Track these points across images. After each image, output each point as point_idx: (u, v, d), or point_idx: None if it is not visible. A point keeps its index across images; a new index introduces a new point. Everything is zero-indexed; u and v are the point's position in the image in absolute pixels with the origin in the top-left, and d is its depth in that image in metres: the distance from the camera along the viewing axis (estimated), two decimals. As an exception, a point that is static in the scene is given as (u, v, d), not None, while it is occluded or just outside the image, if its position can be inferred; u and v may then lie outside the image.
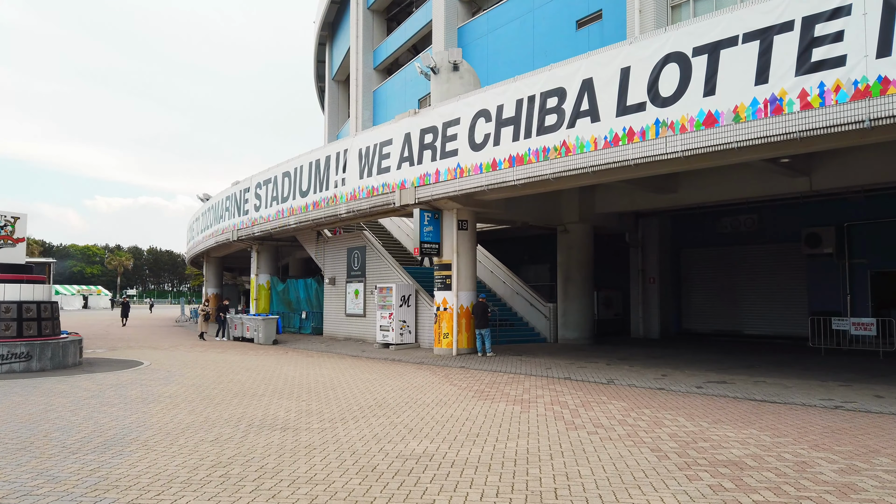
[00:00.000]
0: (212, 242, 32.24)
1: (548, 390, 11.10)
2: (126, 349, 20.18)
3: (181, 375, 13.15)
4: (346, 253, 24.07)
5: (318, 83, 57.54)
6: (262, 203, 25.56)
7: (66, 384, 11.73)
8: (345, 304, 23.85)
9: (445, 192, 16.37)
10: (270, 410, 9.10)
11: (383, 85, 39.98)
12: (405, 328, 19.69)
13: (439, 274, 17.90)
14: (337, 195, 20.52)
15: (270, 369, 14.49)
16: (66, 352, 14.39)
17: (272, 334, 23.17)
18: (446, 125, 16.42)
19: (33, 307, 14.19)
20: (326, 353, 18.77)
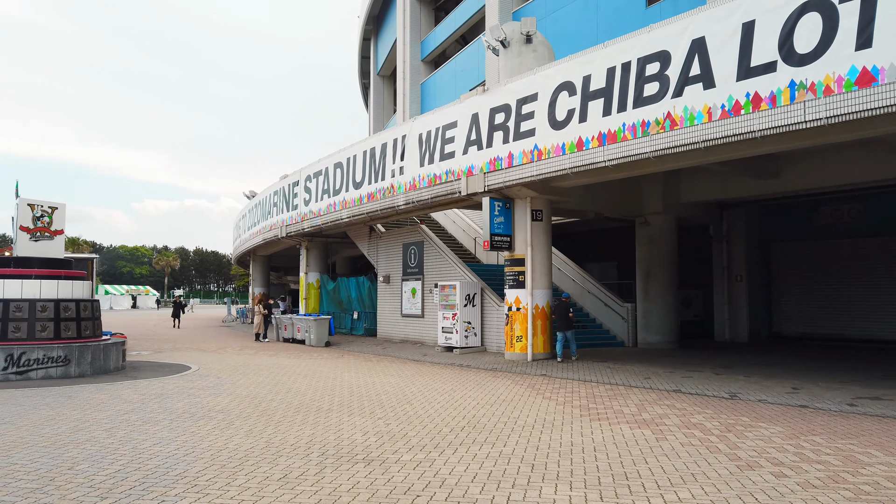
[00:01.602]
0: (259, 240, 31.06)
1: (667, 407, 9.19)
2: (172, 351, 18.93)
3: (232, 383, 11.65)
4: (402, 249, 22.45)
5: (363, 80, 56.37)
6: (312, 197, 24.15)
7: (106, 393, 10.32)
8: (400, 304, 22.23)
9: (520, 178, 14.56)
10: (344, 432, 7.43)
11: (431, 77, 38.39)
12: (470, 330, 17.95)
13: (510, 270, 16.09)
14: (394, 185, 18.91)
15: (329, 376, 12.91)
16: (107, 355, 13.06)
17: (324, 336, 21.69)
18: (521, 102, 14.61)
19: (72, 306, 12.90)
20: (385, 358, 17.15)
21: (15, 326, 12.16)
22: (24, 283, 12.46)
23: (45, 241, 13.34)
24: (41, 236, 13.29)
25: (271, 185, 29.43)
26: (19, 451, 6.36)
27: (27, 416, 8.24)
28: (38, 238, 13.26)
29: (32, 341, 12.19)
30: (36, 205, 13.25)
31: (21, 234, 13.01)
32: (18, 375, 11.74)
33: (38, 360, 11.92)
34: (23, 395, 10.08)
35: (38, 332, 12.31)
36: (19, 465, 5.84)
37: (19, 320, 12.21)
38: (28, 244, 13.13)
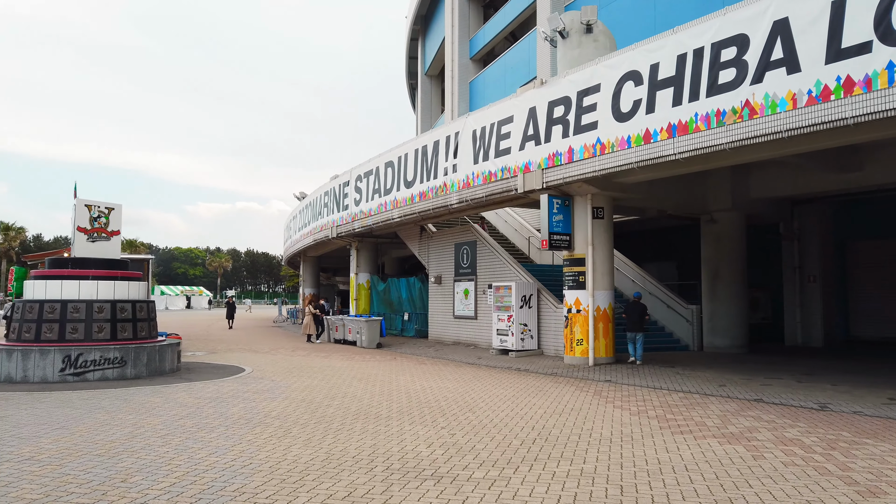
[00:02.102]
0: (310, 241, 31.06)
1: (753, 419, 8.42)
2: (226, 352, 18.89)
3: (287, 387, 11.34)
4: (454, 249, 21.97)
5: (410, 80, 56.22)
6: (363, 196, 23.90)
7: (161, 396, 10.12)
8: (453, 305, 21.74)
9: (581, 174, 13.88)
10: (407, 443, 6.95)
11: (480, 75, 37.85)
12: (526, 332, 17.32)
13: (570, 270, 15.41)
14: (447, 184, 18.43)
15: (385, 380, 12.49)
16: (162, 357, 12.95)
17: (376, 337, 21.38)
18: (581, 94, 13.93)
19: (128, 307, 12.83)
20: (439, 361, 16.68)
21: (72, 327, 12.14)
22: (82, 283, 12.44)
23: (101, 241, 13.33)
24: (98, 237, 13.29)
25: (322, 185, 29.37)
26: (73, 460, 6.09)
27: (82, 421, 8.04)
28: (95, 239, 13.25)
29: (89, 342, 12.15)
30: (93, 205, 13.25)
31: (78, 235, 13.03)
32: (76, 377, 11.69)
33: (94, 362, 11.86)
34: (79, 397, 9.97)
35: (94, 334, 12.27)
36: (72, 476, 5.54)
37: (77, 321, 12.19)
38: (85, 245, 13.14)
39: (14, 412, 8.53)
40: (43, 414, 8.46)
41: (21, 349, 11.65)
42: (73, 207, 13.14)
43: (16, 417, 8.17)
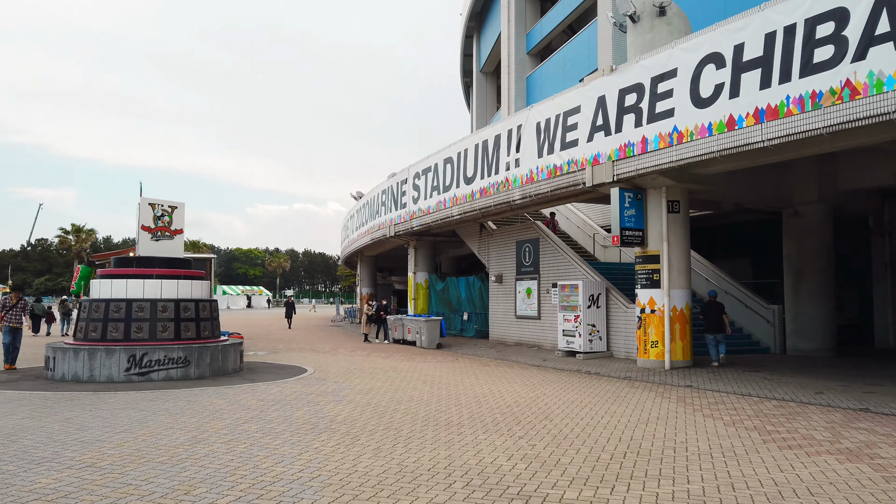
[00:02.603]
0: (367, 240, 30.91)
1: (867, 433, 7.50)
2: (287, 352, 18.78)
3: (351, 389, 10.96)
4: (515, 247, 21.30)
5: (465, 78, 55.73)
6: (421, 194, 23.49)
7: (224, 398, 9.87)
8: (514, 305, 21.09)
9: (656, 165, 13.03)
10: (485, 455, 6.40)
11: (537, 70, 37.02)
12: (594, 333, 16.53)
13: (643, 268, 14.56)
14: (509, 179, 17.80)
15: (450, 382, 11.98)
16: (225, 357, 12.79)
17: (436, 337, 20.94)
18: (656, 80, 13.08)
19: (191, 306, 12.72)
20: (503, 362, 16.07)
21: (137, 327, 12.09)
22: (146, 282, 12.38)
23: (165, 240, 13.29)
24: (161, 236, 13.24)
25: (379, 184, 29.15)
26: (135, 468, 5.78)
27: (146, 424, 7.81)
28: (159, 238, 13.21)
29: (154, 342, 12.07)
30: (156, 204, 13.22)
31: (143, 234, 13.02)
32: (140, 377, 11.62)
33: (158, 362, 11.76)
34: (143, 398, 9.82)
35: (159, 333, 12.19)
36: (133, 487, 5.21)
37: (141, 320, 12.14)
38: (149, 244, 13.12)
39: (79, 414, 8.38)
40: (107, 416, 8.28)
41: (88, 348, 11.65)
42: (138, 206, 13.13)
43: (80, 419, 8.01)
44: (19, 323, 14.11)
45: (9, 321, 13.85)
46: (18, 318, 14.11)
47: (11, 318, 13.93)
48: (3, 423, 7.65)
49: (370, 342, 22.36)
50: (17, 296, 14.26)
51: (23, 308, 14.25)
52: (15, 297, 14.16)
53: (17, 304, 14.08)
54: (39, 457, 6.10)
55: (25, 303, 14.43)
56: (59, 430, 7.32)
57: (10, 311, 13.95)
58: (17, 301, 14.14)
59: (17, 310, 14.10)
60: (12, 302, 14.03)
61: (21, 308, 14.18)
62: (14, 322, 13.97)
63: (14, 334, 13.94)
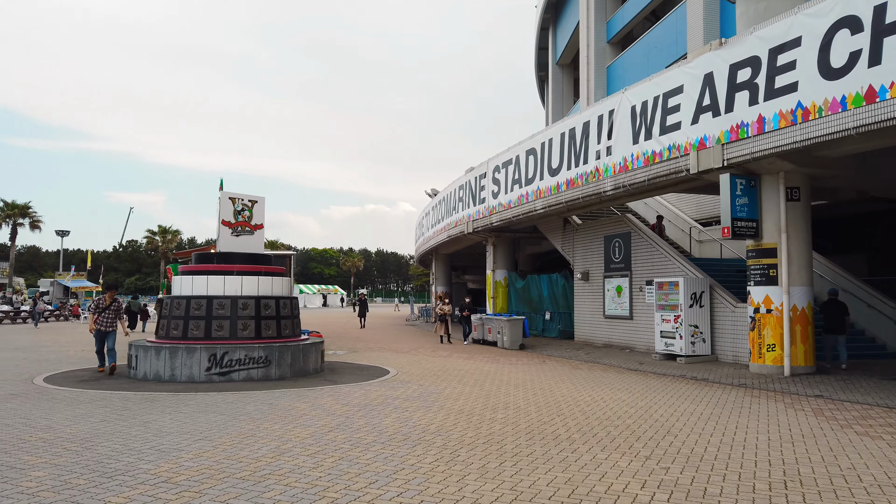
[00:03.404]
0: (444, 237, 30.19)
1: None
2: (366, 351, 18.23)
3: (439, 393, 10.13)
4: (603, 242, 20.02)
5: (539, 72, 54.37)
6: (502, 188, 22.52)
7: (307, 402, 9.23)
8: (603, 304, 19.80)
9: (776, 147, 11.58)
10: (611, 479, 5.39)
11: (618, 59, 35.37)
12: (697, 335, 15.11)
13: (756, 263, 13.09)
14: (599, 169, 16.58)
15: (544, 387, 10.98)
16: (306, 357, 12.24)
17: (518, 338, 19.93)
18: (775, 52, 11.62)
19: (272, 303, 12.23)
20: (595, 365, 14.90)
21: (218, 325, 11.69)
22: (226, 279, 11.98)
23: (245, 235, 12.88)
24: (242, 231, 12.84)
25: (456, 179, 28.37)
26: (214, 485, 5.10)
27: (227, 430, 7.21)
28: (239, 233, 12.81)
29: (234, 340, 11.64)
30: (237, 198, 12.84)
31: (223, 229, 12.65)
32: (221, 376, 11.19)
33: (239, 361, 11.30)
34: (224, 400, 9.31)
35: (239, 331, 11.75)
36: (212, 510, 4.51)
37: (222, 318, 11.73)
38: (229, 239, 12.74)
39: (157, 417, 7.90)
40: (187, 420, 7.76)
41: (169, 347, 11.33)
42: (218, 201, 12.78)
43: (159, 424, 7.50)
44: (111, 326, 12.48)
45: (100, 324, 12.35)
46: (111, 321, 12.51)
47: (103, 320, 12.40)
48: (80, 428, 7.22)
49: (450, 343, 21.50)
50: (111, 296, 12.72)
51: (116, 310, 12.64)
52: (109, 298, 12.64)
53: (110, 306, 12.53)
54: (113, 468, 5.53)
55: (119, 304, 12.77)
56: (137, 436, 6.80)
57: (102, 313, 12.44)
58: (111, 302, 12.59)
59: (111, 312, 12.54)
60: (105, 303, 12.53)
61: (115, 310, 12.61)
62: (105, 325, 12.40)
63: (104, 338, 12.30)
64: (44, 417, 7.75)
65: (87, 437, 6.74)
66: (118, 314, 12.68)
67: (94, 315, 12.42)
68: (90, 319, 12.48)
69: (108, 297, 12.65)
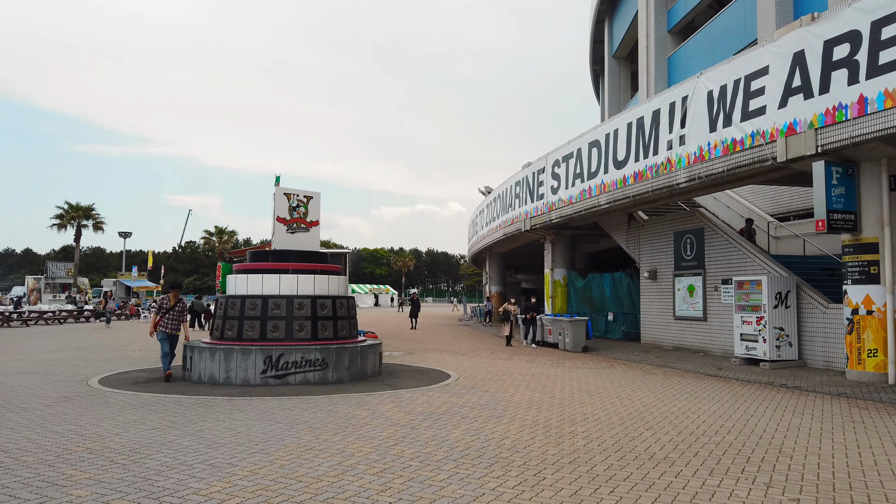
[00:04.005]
0: (499, 235, 29.38)
1: None
2: (423, 353, 17.61)
3: (507, 401, 9.37)
4: (672, 238, 18.86)
5: (594, 67, 52.97)
6: (562, 183, 21.57)
7: (367, 409, 8.61)
8: (672, 304, 18.66)
9: (880, 130, 10.36)
10: (735, 515, 4.53)
11: (680, 49, 33.85)
12: (783, 338, 13.90)
13: (855, 259, 11.85)
14: (671, 159, 15.50)
15: (620, 395, 10.08)
16: (364, 359, 11.66)
17: (582, 340, 18.99)
18: (879, 24, 10.41)
19: (328, 303, 11.70)
20: (669, 371, 13.87)
21: (273, 325, 11.21)
22: (282, 277, 11.51)
23: (300, 232, 12.39)
24: (297, 228, 12.36)
25: (512, 175, 27.51)
26: (272, 510, 4.47)
27: (283, 441, 6.62)
28: (295, 230, 12.34)
29: (290, 342, 11.15)
30: (292, 194, 12.37)
31: (278, 226, 12.19)
32: (277, 379, 10.70)
33: (295, 364, 10.79)
34: (280, 405, 8.77)
35: (295, 332, 11.25)
36: (269, 546, 3.87)
37: (277, 318, 11.25)
38: (285, 236, 12.28)
39: (211, 425, 7.38)
40: (241, 429, 7.21)
41: (223, 348, 10.91)
42: (273, 197, 12.34)
43: (212, 433, 6.97)
44: (176, 329, 11.50)
45: (164, 326, 11.38)
46: (175, 323, 11.50)
47: (167, 322, 11.41)
48: (130, 437, 6.75)
49: (512, 345, 20.62)
50: (175, 295, 11.63)
51: (181, 312, 11.58)
52: (173, 298, 11.58)
53: (174, 307, 11.50)
54: (161, 487, 4.97)
55: (184, 305, 11.72)
56: (189, 448, 6.27)
57: (166, 315, 11.44)
58: (176, 303, 11.55)
59: (175, 313, 11.50)
60: (170, 303, 11.51)
61: (179, 311, 11.54)
62: (170, 327, 11.42)
63: (169, 342, 11.42)
64: (94, 424, 7.34)
65: (137, 447, 6.25)
66: (182, 316, 11.64)
67: (157, 316, 11.46)
68: (151, 321, 11.54)
69: (172, 297, 11.64)
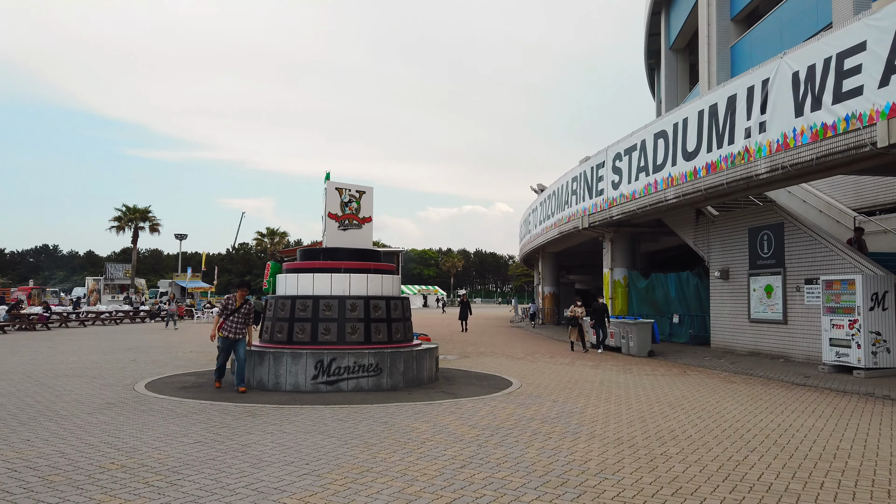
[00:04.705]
0: (554, 234, 28.29)
1: None
2: (478, 356, 16.76)
3: (580, 413, 8.44)
4: (747, 235, 17.51)
5: (649, 60, 51.18)
6: (624, 177, 20.40)
7: (427, 421, 7.82)
8: (747, 306, 17.30)
9: None
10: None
11: (744, 37, 32.08)
12: (880, 344, 12.52)
13: (972, 256, 10.45)
14: (749, 148, 14.24)
15: (706, 408, 9.03)
16: (420, 364, 10.89)
17: (647, 344, 17.83)
18: None
19: (382, 304, 10.97)
20: (750, 378, 12.65)
21: (325, 328, 10.54)
22: (333, 277, 10.85)
23: (353, 229, 11.72)
24: (349, 224, 11.69)
25: (569, 171, 26.40)
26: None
27: (337, 460, 5.88)
28: (347, 226, 11.67)
29: (342, 345, 10.46)
30: (343, 188, 11.70)
31: (329, 223, 11.54)
32: (328, 385, 10.02)
33: (348, 369, 10.10)
34: (332, 416, 8.06)
35: (347, 335, 10.56)
36: None
37: (329, 320, 10.58)
38: (336, 233, 11.61)
39: (258, 439, 6.70)
40: (291, 444, 6.51)
41: (273, 352, 10.29)
42: (324, 192, 11.69)
43: (259, 448, 6.28)
44: (240, 333, 10.10)
45: (227, 330, 10.03)
46: (241, 326, 10.11)
47: (231, 325, 10.04)
48: (169, 451, 6.12)
49: (584, 351, 18.97)
50: (242, 295, 10.26)
51: (247, 314, 10.18)
52: (240, 297, 10.22)
53: (240, 308, 10.13)
54: (197, 519, 4.28)
55: (251, 306, 10.32)
56: (232, 467, 5.59)
57: (231, 317, 10.07)
58: (242, 303, 10.19)
59: (241, 315, 10.10)
60: (235, 303, 10.16)
61: (245, 314, 10.15)
62: (234, 331, 10.04)
63: (231, 348, 10.11)
64: (133, 436, 6.75)
65: (175, 465, 5.60)
66: (248, 318, 10.24)
67: (220, 318, 10.11)
68: (214, 323, 10.19)
69: (238, 297, 10.27)
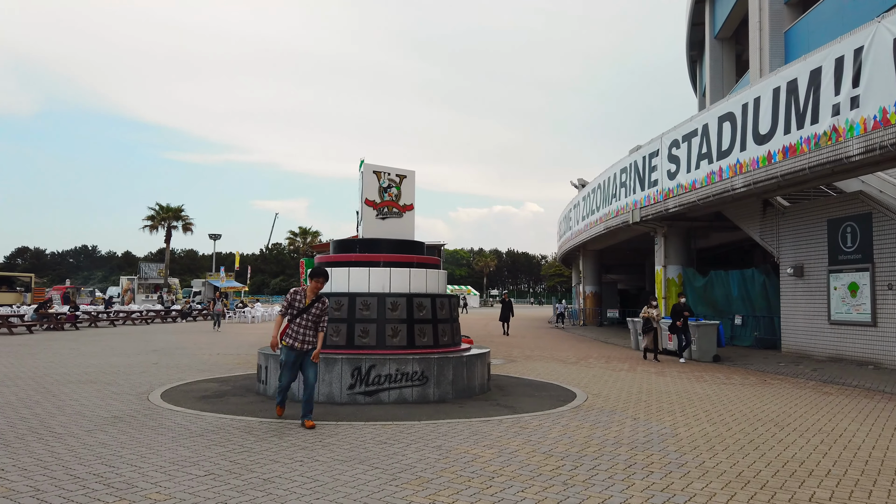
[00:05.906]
0: (599, 229, 26.65)
1: None
2: (525, 361, 15.31)
3: (675, 437, 6.94)
4: (826, 228, 15.75)
5: (691, 52, 49.07)
6: (682, 166, 18.75)
7: (488, 446, 6.41)
8: (827, 306, 15.54)
9: None
10: None
11: (799, 22, 29.99)
12: None
13: None
14: (838, 127, 12.55)
15: (823, 429, 7.46)
16: (471, 372, 9.50)
17: (712, 347, 16.18)
18: None
19: (427, 303, 9.59)
20: (844, 389, 10.96)
21: (362, 329, 9.21)
22: (371, 271, 9.52)
23: (392, 218, 10.36)
24: (389, 213, 10.34)
25: (616, 161, 24.77)
26: None
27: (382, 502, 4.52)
28: (386, 215, 10.32)
29: (382, 350, 9.12)
30: (382, 172, 10.36)
31: (366, 211, 10.20)
32: (367, 396, 8.69)
33: (389, 378, 8.74)
34: (374, 437, 6.70)
35: (388, 338, 9.21)
36: None
37: (367, 321, 9.24)
38: (374, 223, 10.26)
39: (284, 470, 5.37)
40: (324, 479, 5.16)
41: (304, 357, 8.99)
42: (360, 177, 10.38)
43: (284, 485, 4.94)
44: (309, 342, 7.28)
45: (292, 336, 7.25)
46: (309, 333, 7.30)
47: (298, 330, 7.26)
48: (174, 489, 4.82)
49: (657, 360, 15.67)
50: (315, 288, 7.36)
51: (319, 315, 7.36)
52: (311, 293, 7.37)
53: (311, 307, 7.33)
54: None
55: (325, 306, 7.46)
56: (250, 512, 4.27)
57: (297, 318, 7.29)
58: (314, 301, 7.36)
59: (310, 317, 7.31)
60: (304, 301, 7.37)
61: (317, 315, 7.34)
62: (300, 339, 7.24)
63: (299, 362, 7.32)
64: (132, 464, 5.48)
65: (178, 510, 4.31)
66: (321, 321, 7.42)
67: (283, 319, 7.44)
68: (275, 325, 7.46)
69: (309, 292, 7.40)
